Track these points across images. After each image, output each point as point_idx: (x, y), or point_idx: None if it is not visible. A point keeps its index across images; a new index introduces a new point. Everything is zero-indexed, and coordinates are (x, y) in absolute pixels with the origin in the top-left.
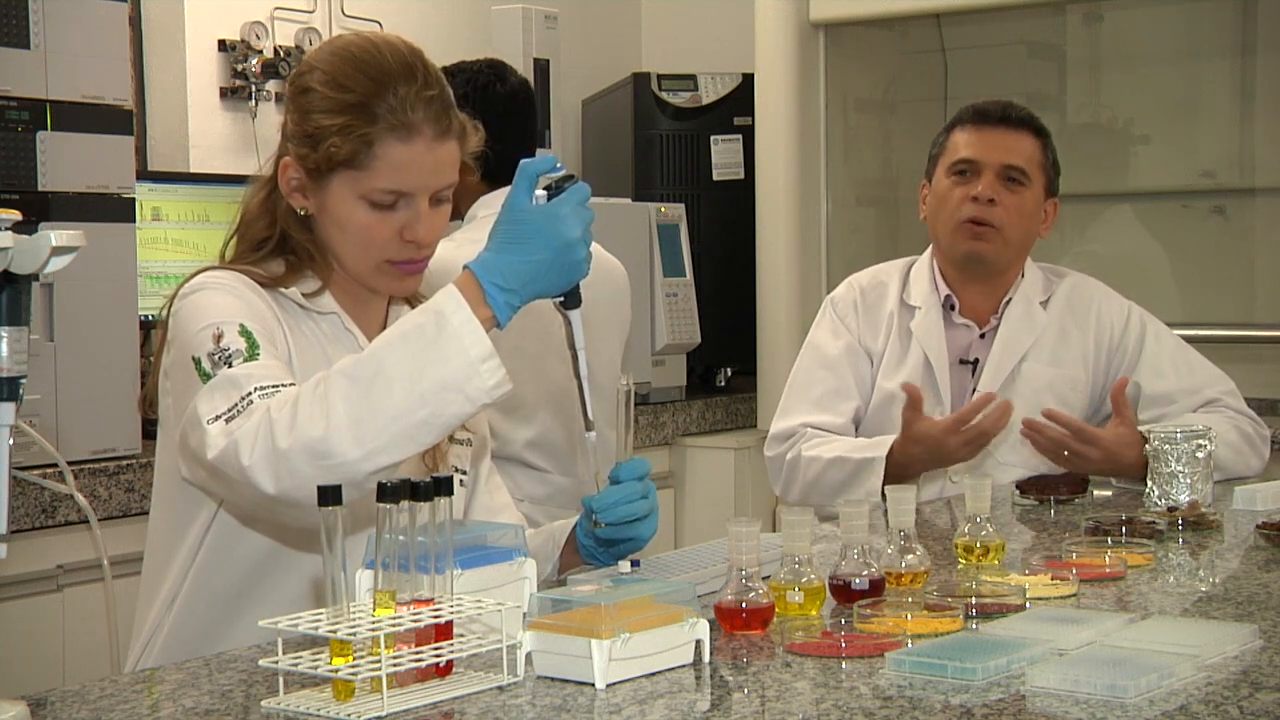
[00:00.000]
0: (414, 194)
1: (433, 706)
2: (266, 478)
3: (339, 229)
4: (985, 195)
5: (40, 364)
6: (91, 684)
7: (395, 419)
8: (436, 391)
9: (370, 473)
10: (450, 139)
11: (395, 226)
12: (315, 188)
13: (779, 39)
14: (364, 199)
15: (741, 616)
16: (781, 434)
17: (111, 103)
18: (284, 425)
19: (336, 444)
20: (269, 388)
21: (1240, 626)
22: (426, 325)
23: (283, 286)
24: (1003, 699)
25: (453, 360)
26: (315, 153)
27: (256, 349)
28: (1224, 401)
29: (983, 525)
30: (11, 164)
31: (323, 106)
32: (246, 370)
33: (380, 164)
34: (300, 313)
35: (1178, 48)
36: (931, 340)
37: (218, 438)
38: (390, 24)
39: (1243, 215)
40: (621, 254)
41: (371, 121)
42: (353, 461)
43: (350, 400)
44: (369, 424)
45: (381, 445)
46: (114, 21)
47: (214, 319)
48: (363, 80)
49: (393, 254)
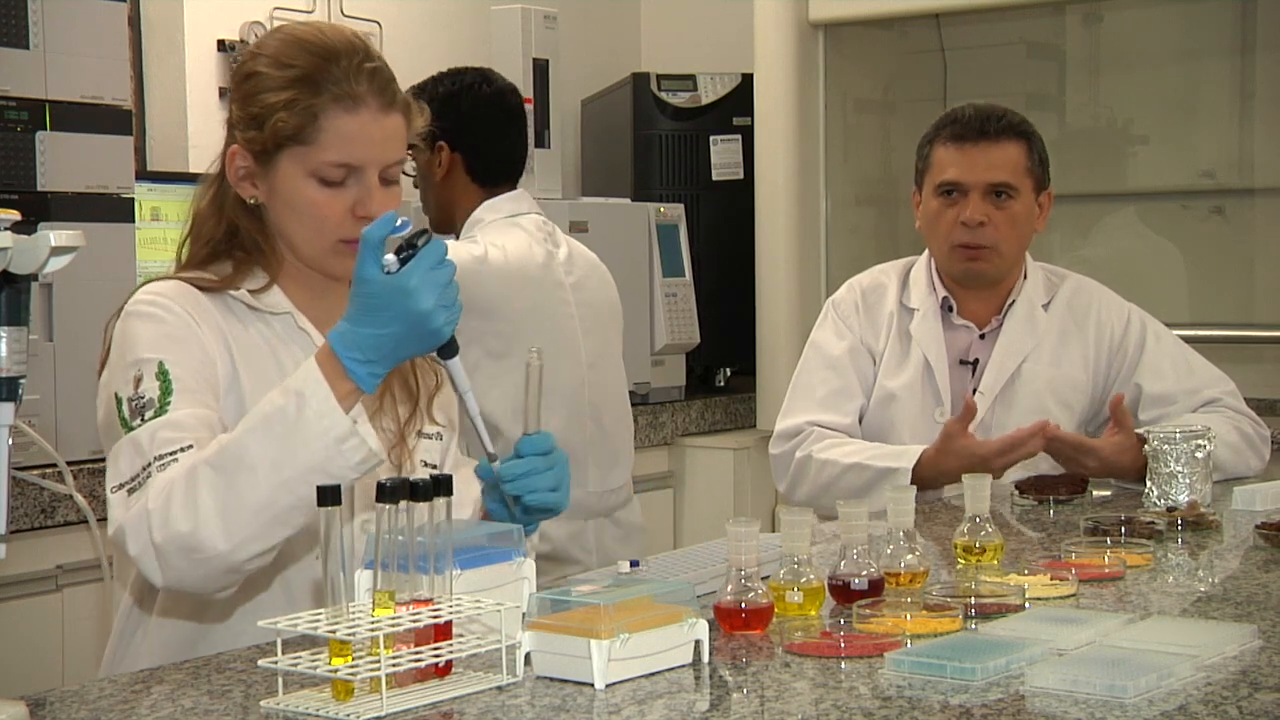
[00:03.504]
0: (363, 167)
1: (432, 707)
2: (151, 570)
3: (290, 210)
4: (974, 219)
5: (40, 364)
6: (91, 684)
7: (262, 508)
8: (301, 476)
9: (244, 561)
10: (395, 111)
11: (346, 203)
12: (264, 172)
13: (778, 39)
14: (313, 175)
15: (741, 616)
16: (787, 431)
17: (111, 103)
18: (159, 519)
19: (206, 538)
20: (168, 456)
21: (1239, 627)
22: (287, 408)
23: (231, 288)
24: (1002, 699)
25: (314, 444)
26: (262, 132)
27: (169, 396)
28: (1223, 402)
29: (982, 525)
30: (11, 164)
31: (267, 86)
32: (151, 431)
33: (327, 136)
34: (250, 315)
35: (1177, 48)
36: (930, 342)
37: (117, 510)
38: (390, 24)
39: (1242, 215)
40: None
41: (316, 93)
42: (224, 554)
43: (216, 492)
44: (236, 515)
45: (251, 534)
46: (113, 21)
47: (138, 355)
48: (305, 55)
49: (346, 232)
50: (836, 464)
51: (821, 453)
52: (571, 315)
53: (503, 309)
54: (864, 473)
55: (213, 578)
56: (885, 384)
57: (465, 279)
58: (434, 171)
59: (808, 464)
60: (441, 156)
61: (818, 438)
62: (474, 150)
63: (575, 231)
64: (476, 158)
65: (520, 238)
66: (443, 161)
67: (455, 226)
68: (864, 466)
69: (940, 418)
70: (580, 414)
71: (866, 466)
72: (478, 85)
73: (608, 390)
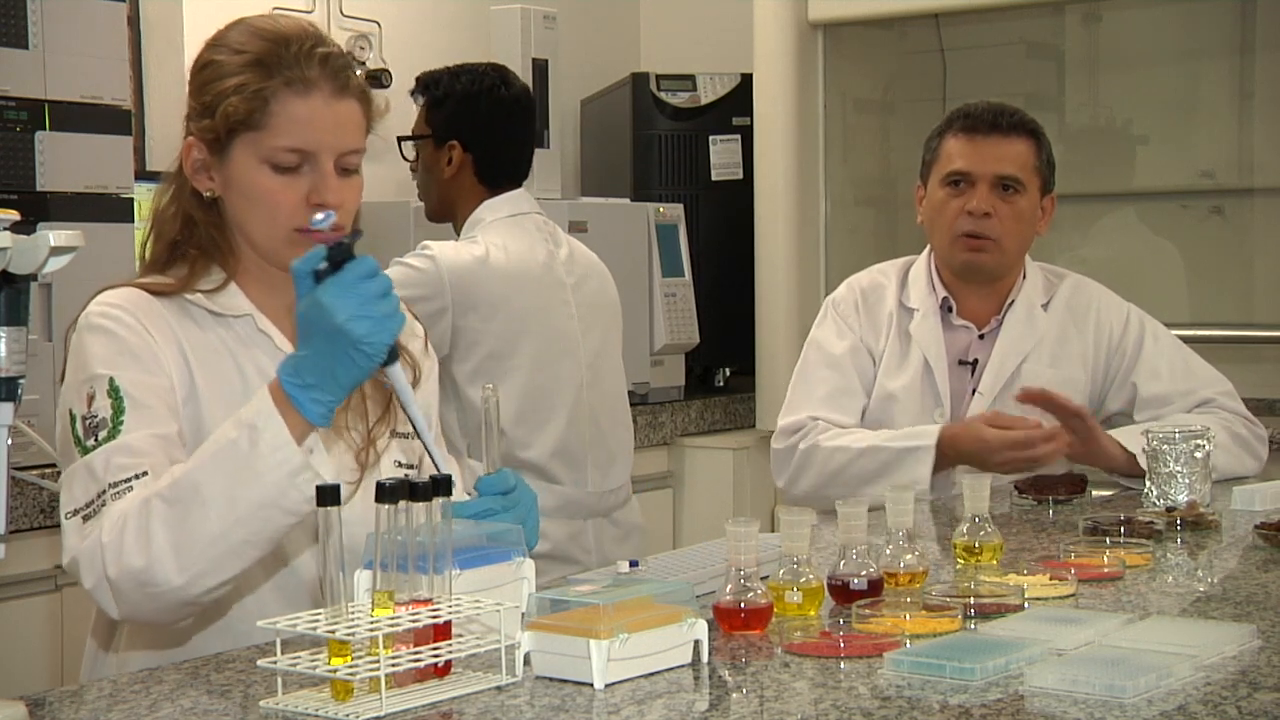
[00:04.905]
0: (317, 153)
1: (431, 707)
2: (106, 603)
3: (245, 200)
4: (980, 209)
5: (39, 364)
6: (90, 684)
7: (215, 542)
8: (253, 511)
9: (199, 594)
10: (349, 97)
11: (301, 191)
12: (218, 163)
13: (778, 39)
14: (266, 162)
15: (740, 616)
16: (790, 427)
17: (110, 103)
18: (113, 553)
19: (159, 573)
20: (122, 484)
21: (1238, 626)
22: (240, 441)
23: (188, 290)
24: (1001, 699)
25: (266, 478)
26: (214, 120)
27: (121, 416)
28: (1218, 402)
29: (981, 525)
30: (10, 164)
31: (219, 73)
32: (106, 456)
33: (279, 120)
34: (209, 319)
35: (1176, 48)
36: (930, 342)
37: (71, 538)
38: (389, 24)
39: (1242, 215)
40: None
41: (267, 77)
42: (178, 588)
43: (169, 526)
44: (189, 550)
45: (205, 568)
46: (113, 21)
47: (91, 370)
48: (257, 41)
49: (300, 221)
50: (848, 449)
51: (829, 441)
52: (572, 315)
53: (504, 309)
54: (880, 454)
55: (168, 611)
56: (885, 384)
57: (467, 279)
58: (442, 168)
59: (813, 453)
60: (453, 154)
61: (822, 429)
62: (487, 153)
63: (575, 231)
64: (488, 160)
65: (521, 238)
66: (453, 159)
67: (456, 222)
68: (879, 449)
69: (940, 418)
70: (579, 414)
71: (883, 448)
72: (497, 88)
73: (607, 390)
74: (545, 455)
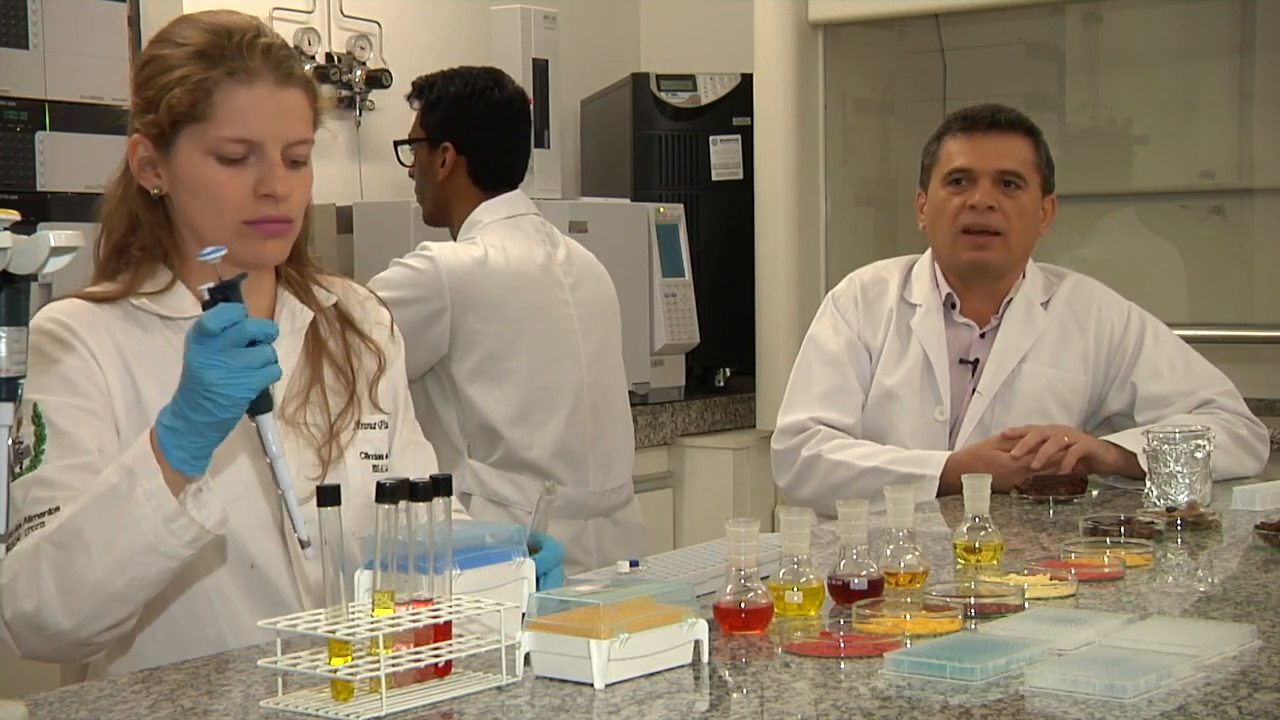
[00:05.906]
0: (262, 143)
1: (431, 707)
2: (9, 642)
3: (191, 195)
4: (984, 203)
5: None
6: (90, 684)
7: (99, 587)
8: (132, 557)
9: (89, 637)
10: (294, 87)
11: (249, 182)
12: (164, 158)
13: (778, 39)
14: (212, 154)
15: (740, 617)
16: (791, 427)
17: (110, 103)
18: (8, 595)
19: (49, 617)
20: (35, 519)
21: (1239, 627)
22: (120, 486)
23: (132, 294)
24: (1001, 699)
25: (143, 524)
26: (158, 114)
27: (42, 445)
28: (1218, 403)
29: (982, 525)
30: (10, 164)
31: (162, 67)
32: (24, 490)
33: (222, 111)
34: (156, 323)
35: (1176, 48)
36: (931, 339)
37: None
38: (389, 24)
39: (1241, 215)
40: (620, 254)
41: (209, 67)
42: (68, 631)
43: (57, 570)
44: (75, 594)
45: (92, 613)
46: (113, 21)
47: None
48: (199, 34)
49: (248, 213)
50: (851, 466)
51: (832, 453)
52: (570, 316)
53: (503, 310)
54: (883, 477)
55: (64, 651)
56: (883, 380)
57: (466, 280)
58: (436, 170)
59: (816, 463)
60: (446, 157)
61: (825, 437)
62: (480, 155)
63: (575, 232)
64: (482, 162)
65: (519, 239)
66: (446, 162)
67: (452, 225)
68: (883, 471)
69: (940, 417)
70: (580, 414)
71: (886, 472)
72: (490, 90)
73: (607, 390)
74: (546, 455)
